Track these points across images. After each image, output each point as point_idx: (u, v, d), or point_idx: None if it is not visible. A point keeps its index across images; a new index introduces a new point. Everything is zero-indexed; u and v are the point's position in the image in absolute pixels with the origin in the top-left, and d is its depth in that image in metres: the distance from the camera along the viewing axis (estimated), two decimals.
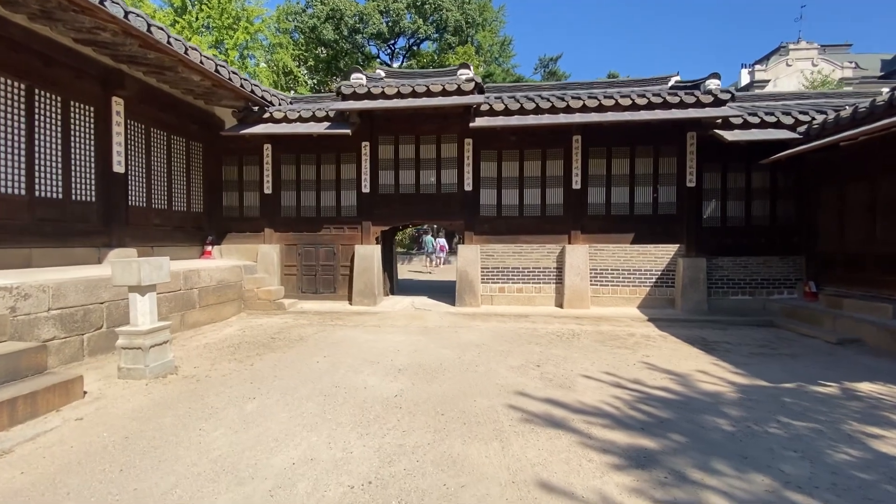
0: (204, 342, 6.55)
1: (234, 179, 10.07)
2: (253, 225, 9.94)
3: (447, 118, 9.33)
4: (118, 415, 3.83)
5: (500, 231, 9.42)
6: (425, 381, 4.72)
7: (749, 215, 9.10)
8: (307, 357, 5.69)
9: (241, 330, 7.39)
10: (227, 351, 6.03)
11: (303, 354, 5.83)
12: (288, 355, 5.79)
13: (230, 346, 6.26)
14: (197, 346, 6.33)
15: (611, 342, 6.63)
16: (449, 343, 6.48)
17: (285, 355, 5.80)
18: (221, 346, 6.27)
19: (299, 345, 6.36)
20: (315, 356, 5.74)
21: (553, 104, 8.21)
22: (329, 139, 9.51)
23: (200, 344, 6.43)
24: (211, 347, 6.23)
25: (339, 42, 27.43)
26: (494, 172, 9.45)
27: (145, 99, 8.07)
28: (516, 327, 7.65)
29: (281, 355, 5.79)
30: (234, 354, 5.84)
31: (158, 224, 8.51)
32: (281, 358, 5.66)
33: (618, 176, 9.23)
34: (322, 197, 9.84)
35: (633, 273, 9.13)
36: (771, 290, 9.00)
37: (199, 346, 6.33)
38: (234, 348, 6.16)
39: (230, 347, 6.21)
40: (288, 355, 5.79)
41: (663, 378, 4.89)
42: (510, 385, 4.58)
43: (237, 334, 7.06)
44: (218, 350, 6.07)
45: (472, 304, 9.16)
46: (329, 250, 9.74)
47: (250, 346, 6.30)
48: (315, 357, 5.69)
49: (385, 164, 9.65)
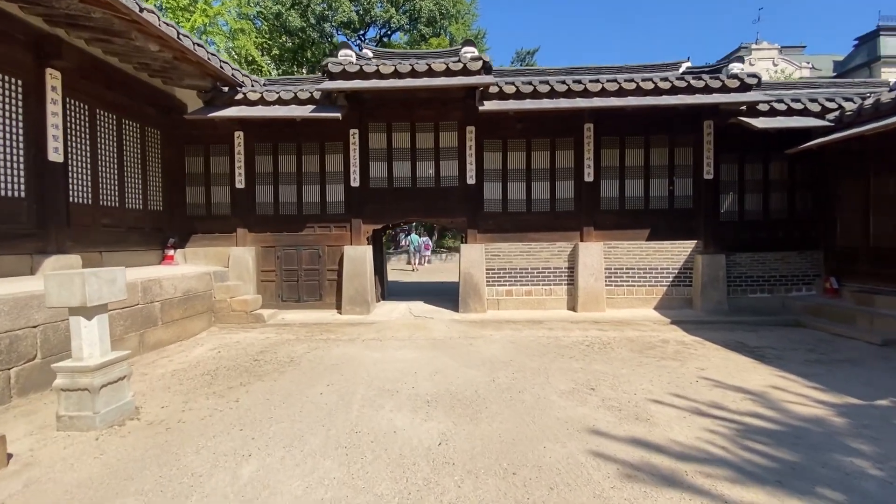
0: (171, 368, 5.33)
1: (200, 172, 8.73)
2: (223, 224, 8.65)
3: (446, 104, 8.37)
4: (55, 495, 2.69)
5: (506, 228, 8.55)
6: (467, 417, 3.77)
7: (767, 209, 8.62)
8: (306, 386, 4.61)
9: (214, 350, 6.18)
10: (201, 380, 4.86)
11: (299, 382, 4.74)
12: (280, 384, 4.69)
13: (205, 374, 5.08)
14: (162, 373, 5.12)
15: (648, 352, 5.89)
16: (470, 360, 5.54)
17: (277, 384, 4.69)
18: (194, 374, 5.08)
19: (291, 369, 5.25)
20: (316, 385, 4.67)
21: (569, 87, 7.41)
22: (311, 126, 8.35)
23: (167, 371, 5.22)
24: (180, 375, 5.03)
25: (305, 30, 25.82)
26: (499, 164, 8.57)
27: (89, 73, 6.69)
28: (535, 336, 6.80)
29: (271, 384, 4.69)
30: (211, 385, 4.69)
31: (108, 225, 7.13)
32: (272, 389, 4.56)
33: (632, 168, 8.55)
34: (304, 192, 8.67)
35: (649, 272, 8.47)
36: (789, 287, 8.56)
37: (166, 373, 5.12)
38: (210, 376, 4.99)
39: (205, 375, 5.04)
40: (280, 384, 4.69)
41: (742, 399, 4.14)
42: (575, 419, 3.70)
43: (211, 356, 5.86)
44: (190, 379, 4.89)
45: (478, 309, 8.26)
46: (313, 252, 8.59)
47: (230, 371, 5.15)
48: (316, 386, 4.62)
49: (377, 154, 8.58)
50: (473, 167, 8.38)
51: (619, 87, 7.37)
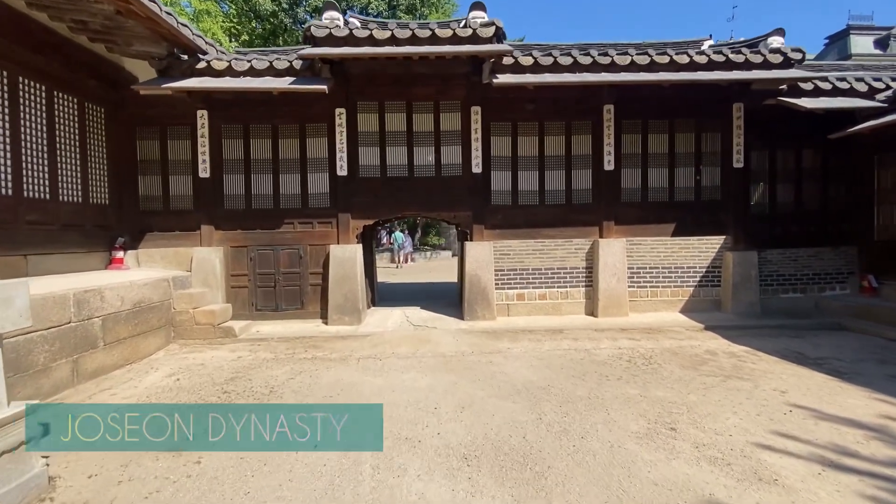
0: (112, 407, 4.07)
1: (156, 159, 7.35)
2: (184, 221, 7.31)
3: (448, 80, 7.26)
4: None
5: (516, 223, 7.52)
6: (529, 486, 2.70)
7: (799, 200, 7.88)
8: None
9: (172, 377, 4.92)
10: (150, 426, 3.63)
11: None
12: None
13: (155, 416, 3.85)
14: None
15: (703, 368, 4.97)
16: (498, 386, 4.48)
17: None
18: (142, 416, 3.85)
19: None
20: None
21: (595, 59, 6.41)
22: (290, 105, 7.12)
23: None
24: (122, 419, 3.79)
25: (277, 15, 24.19)
26: (508, 150, 7.52)
27: (8, 32, 5.29)
28: (561, 350, 5.80)
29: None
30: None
31: (36, 222, 5.73)
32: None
33: (655, 155, 7.65)
34: (282, 182, 7.41)
35: (674, 271, 7.60)
36: (822, 286, 7.84)
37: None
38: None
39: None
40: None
41: (866, 438, 3.22)
42: (678, 484, 2.68)
43: (167, 385, 4.61)
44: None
45: (487, 316, 7.21)
46: (293, 253, 7.36)
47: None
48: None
49: (367, 138, 7.40)
50: (479, 154, 7.31)
51: (651, 60, 6.43)
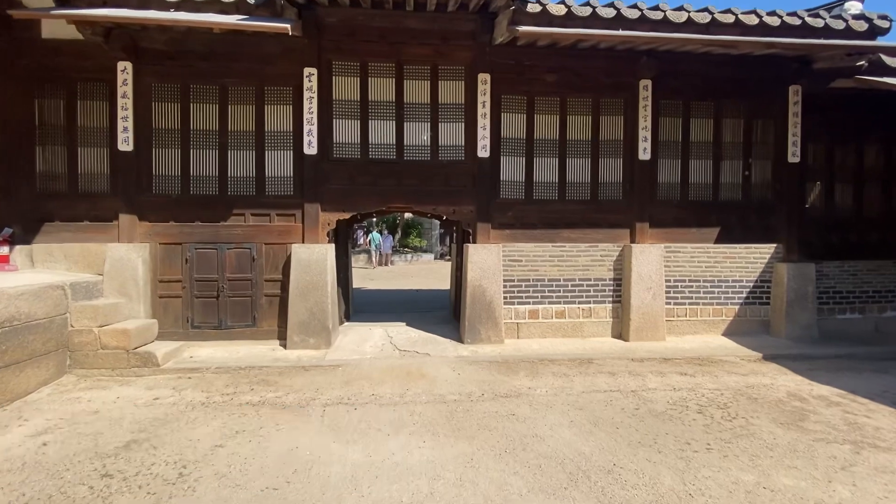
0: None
1: (60, 125, 5.55)
2: (97, 208, 5.54)
3: (449, 38, 5.74)
4: None
5: (530, 222, 6.04)
6: None
7: (860, 205, 6.68)
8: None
9: (40, 436, 3.21)
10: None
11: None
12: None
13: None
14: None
15: (806, 426, 3.57)
16: (539, 466, 2.94)
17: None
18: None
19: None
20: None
21: (643, 13, 4.99)
22: (244, 61, 5.48)
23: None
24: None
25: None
26: (522, 131, 6.04)
27: None
28: (601, 392, 4.33)
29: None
30: None
31: None
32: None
33: (698, 144, 6.31)
34: (231, 161, 5.72)
35: (718, 285, 6.27)
36: (883, 306, 6.64)
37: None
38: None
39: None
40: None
41: None
42: None
43: (22, 457, 2.90)
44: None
45: (493, 338, 5.69)
46: (243, 253, 5.68)
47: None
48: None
49: (344, 108, 5.79)
50: (487, 133, 5.79)
51: (713, 18, 5.06)
